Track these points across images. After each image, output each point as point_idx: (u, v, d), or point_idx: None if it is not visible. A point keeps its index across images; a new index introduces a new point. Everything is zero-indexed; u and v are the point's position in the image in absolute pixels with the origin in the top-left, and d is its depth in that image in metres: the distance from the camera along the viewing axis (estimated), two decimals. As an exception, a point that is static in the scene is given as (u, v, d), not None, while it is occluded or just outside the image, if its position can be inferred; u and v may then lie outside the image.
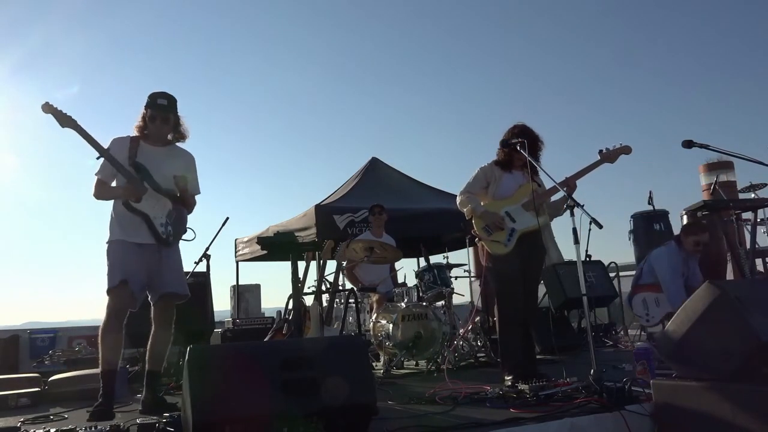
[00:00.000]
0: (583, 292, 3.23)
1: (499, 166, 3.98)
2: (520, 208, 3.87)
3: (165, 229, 3.38)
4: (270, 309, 8.71)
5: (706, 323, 2.50)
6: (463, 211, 4.00)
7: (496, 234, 3.85)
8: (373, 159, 8.88)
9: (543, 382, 3.06)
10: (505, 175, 3.95)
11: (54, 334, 6.79)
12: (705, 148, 4.25)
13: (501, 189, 3.94)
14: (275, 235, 4.37)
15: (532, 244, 3.87)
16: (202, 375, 2.19)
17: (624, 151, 3.84)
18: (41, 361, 5.30)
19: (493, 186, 3.96)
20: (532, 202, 3.81)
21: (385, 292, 5.68)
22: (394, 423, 2.56)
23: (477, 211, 3.89)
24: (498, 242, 3.84)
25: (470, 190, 3.98)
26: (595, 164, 3.84)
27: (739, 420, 2.29)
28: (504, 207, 3.89)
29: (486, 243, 3.88)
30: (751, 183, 6.63)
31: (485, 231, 3.88)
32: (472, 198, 3.94)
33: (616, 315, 6.98)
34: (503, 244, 3.83)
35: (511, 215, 3.87)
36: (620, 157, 3.84)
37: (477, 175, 4.01)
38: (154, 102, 3.39)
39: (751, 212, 5.04)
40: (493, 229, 3.85)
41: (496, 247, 3.85)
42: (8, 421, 3.23)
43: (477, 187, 3.99)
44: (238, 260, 8.98)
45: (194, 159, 3.61)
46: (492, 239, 3.85)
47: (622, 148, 3.84)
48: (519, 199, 3.90)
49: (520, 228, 3.84)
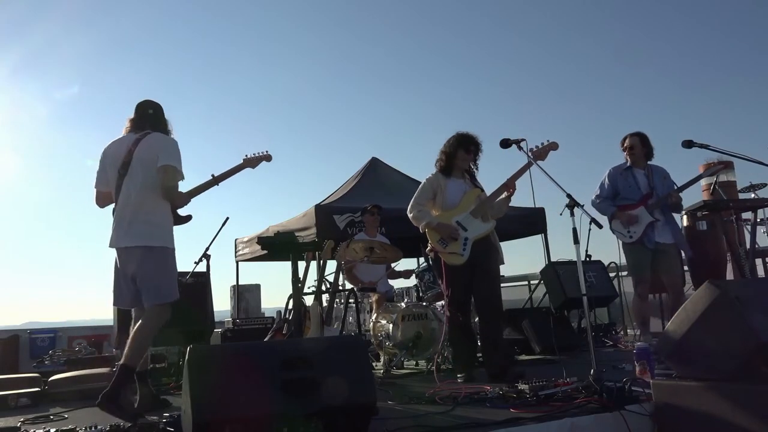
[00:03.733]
0: (583, 292, 3.23)
1: (443, 173, 4.08)
2: (470, 216, 3.97)
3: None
4: (270, 309, 8.72)
5: (706, 323, 2.50)
6: (418, 226, 4.10)
7: (451, 245, 3.94)
8: (373, 159, 8.88)
9: (532, 382, 3.07)
10: (448, 183, 4.05)
11: (54, 334, 6.81)
12: (705, 148, 4.26)
13: (447, 198, 4.04)
14: (275, 235, 4.38)
15: (484, 248, 3.98)
16: (202, 375, 2.19)
17: (551, 147, 3.93)
18: (41, 361, 5.30)
19: (440, 196, 4.06)
20: (479, 208, 3.96)
21: (384, 292, 5.68)
22: (394, 423, 2.56)
23: (432, 224, 3.98)
24: (455, 253, 3.93)
25: (419, 202, 4.09)
26: (525, 165, 3.90)
27: (739, 420, 2.29)
28: (454, 217, 3.99)
29: (443, 256, 3.97)
30: (751, 183, 6.63)
31: (441, 243, 3.99)
32: (425, 212, 4.04)
33: (616, 315, 6.98)
34: (459, 254, 3.93)
35: (462, 224, 3.97)
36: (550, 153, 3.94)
37: (423, 186, 4.13)
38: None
39: (751, 212, 5.04)
40: (447, 240, 3.94)
41: (454, 258, 3.94)
42: (8, 421, 3.22)
43: (424, 199, 4.10)
44: (238, 260, 8.98)
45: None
46: (449, 251, 3.95)
47: (549, 145, 3.93)
48: (466, 206, 4.00)
49: (472, 236, 3.95)
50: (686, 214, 5.88)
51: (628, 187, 4.88)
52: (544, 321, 5.58)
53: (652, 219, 4.73)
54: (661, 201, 4.74)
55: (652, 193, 4.81)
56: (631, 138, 4.93)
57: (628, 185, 4.88)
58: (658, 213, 4.77)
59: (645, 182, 4.86)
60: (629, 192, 4.87)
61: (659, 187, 4.82)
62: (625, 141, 4.97)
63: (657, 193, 4.79)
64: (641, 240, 4.76)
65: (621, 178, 4.93)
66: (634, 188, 4.85)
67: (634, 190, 4.85)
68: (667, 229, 4.80)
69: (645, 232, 4.75)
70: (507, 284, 9.23)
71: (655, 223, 4.75)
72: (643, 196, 4.82)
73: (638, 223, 4.77)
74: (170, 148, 3.32)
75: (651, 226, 4.75)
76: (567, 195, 3.43)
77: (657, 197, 4.77)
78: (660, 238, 4.76)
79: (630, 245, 4.86)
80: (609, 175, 5.00)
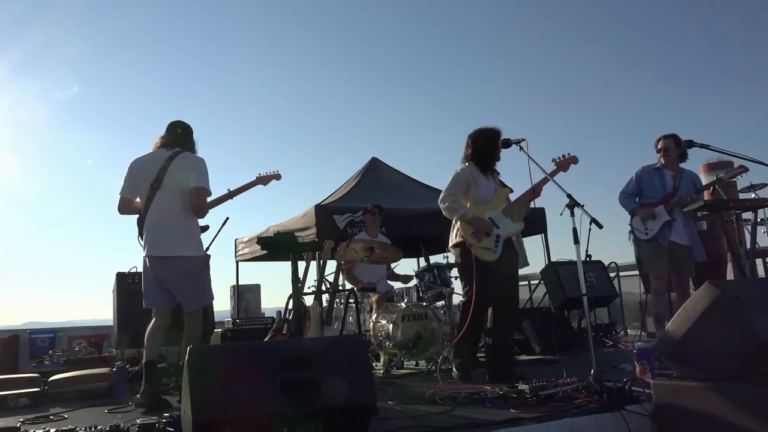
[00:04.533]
0: (583, 292, 3.24)
1: (479, 167, 4.02)
2: (501, 214, 3.96)
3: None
4: (270, 309, 8.72)
5: (706, 323, 2.50)
6: (451, 217, 4.03)
7: (484, 240, 3.89)
8: (373, 159, 8.88)
9: (532, 382, 3.06)
10: (482, 178, 4.01)
11: (54, 334, 6.81)
12: (705, 148, 4.26)
13: (481, 193, 3.99)
14: (275, 235, 4.37)
15: (509, 249, 3.96)
16: (202, 375, 2.18)
17: (573, 161, 3.97)
18: (41, 361, 5.30)
19: (474, 189, 3.98)
20: (509, 208, 3.95)
21: (384, 292, 5.68)
22: (394, 423, 2.56)
23: (467, 216, 3.91)
24: (488, 249, 3.88)
25: (453, 193, 3.99)
26: (553, 172, 3.93)
27: (739, 420, 2.29)
28: (486, 212, 3.95)
29: (476, 250, 3.89)
30: (751, 183, 6.64)
31: (474, 237, 3.91)
32: (460, 204, 3.96)
33: (616, 315, 6.98)
34: (492, 250, 3.88)
35: (494, 221, 3.93)
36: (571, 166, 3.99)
37: (458, 177, 4.03)
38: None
39: (751, 212, 5.04)
40: (481, 235, 3.90)
41: (486, 254, 3.87)
42: (8, 421, 3.22)
43: (458, 190, 4.00)
44: (238, 260, 8.98)
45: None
46: (482, 246, 3.89)
47: (570, 158, 3.96)
48: (498, 204, 3.98)
49: (504, 234, 3.92)
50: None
51: (652, 187, 4.92)
52: (544, 321, 5.59)
53: (669, 218, 4.76)
54: (680, 201, 4.76)
55: (675, 193, 4.83)
56: (665, 140, 4.94)
57: (652, 185, 4.93)
58: (677, 213, 4.79)
59: (671, 183, 4.89)
60: (652, 191, 4.92)
61: (684, 190, 4.84)
62: (659, 143, 4.99)
63: (680, 195, 4.81)
64: (656, 237, 4.79)
65: (648, 177, 4.98)
66: (658, 188, 4.89)
67: (657, 190, 4.89)
68: (685, 231, 4.83)
69: (661, 230, 4.78)
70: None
71: (672, 222, 4.77)
72: (665, 196, 4.85)
73: (655, 219, 4.80)
74: (201, 170, 3.65)
75: (668, 224, 4.77)
76: (567, 195, 3.43)
77: (678, 197, 4.79)
78: (676, 238, 4.78)
79: (646, 242, 4.87)
80: (636, 173, 5.05)
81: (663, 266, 4.80)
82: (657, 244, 4.78)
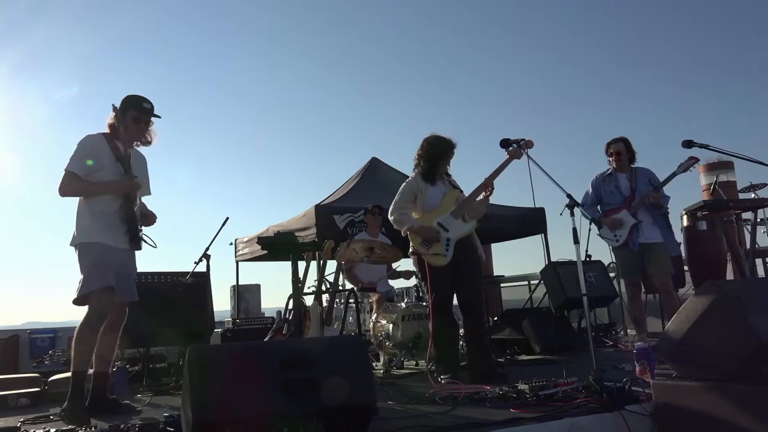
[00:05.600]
0: (583, 292, 3.23)
1: (425, 179, 4.10)
2: (450, 217, 4.00)
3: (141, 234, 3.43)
4: (270, 309, 8.72)
5: (706, 323, 2.50)
6: (400, 229, 4.13)
7: (434, 247, 3.97)
8: (373, 159, 8.88)
9: (532, 382, 3.06)
10: (429, 186, 4.08)
11: (54, 334, 6.81)
12: (705, 148, 4.26)
13: (428, 201, 4.07)
14: (275, 235, 4.38)
15: (465, 248, 3.99)
16: (202, 375, 2.18)
17: (528, 146, 3.93)
18: (41, 361, 5.31)
19: (420, 199, 4.08)
20: (459, 208, 3.98)
21: (385, 292, 5.68)
22: (394, 423, 2.56)
23: (414, 227, 4.01)
24: (438, 254, 3.96)
25: (401, 206, 4.11)
26: (505, 162, 3.97)
27: (739, 420, 2.29)
28: (435, 218, 4.02)
29: (427, 257, 3.98)
30: (751, 183, 6.65)
31: (424, 245, 4.01)
32: (406, 216, 4.08)
33: (616, 315, 6.98)
34: (443, 255, 3.95)
35: (443, 225, 4.00)
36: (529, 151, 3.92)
37: (403, 189, 4.15)
38: (139, 104, 3.38)
39: (751, 212, 5.05)
40: (430, 242, 3.97)
41: (437, 259, 3.96)
42: (8, 421, 3.22)
43: (405, 202, 4.12)
44: (238, 260, 8.98)
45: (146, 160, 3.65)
46: (432, 252, 3.97)
47: (526, 143, 3.93)
48: (446, 208, 4.03)
49: (454, 236, 3.97)
50: (686, 214, 5.88)
51: (610, 193, 4.98)
52: (544, 321, 5.59)
53: (635, 221, 4.80)
54: (641, 202, 4.81)
55: (634, 195, 4.88)
56: (616, 144, 5.00)
57: (610, 191, 4.98)
58: (642, 214, 4.83)
59: (627, 185, 4.94)
60: (611, 197, 4.97)
61: (642, 189, 4.89)
62: (609, 147, 5.04)
63: (639, 195, 4.86)
64: (626, 243, 4.83)
65: (604, 184, 5.04)
66: (616, 193, 4.95)
67: (615, 195, 4.95)
68: (655, 227, 4.86)
69: (630, 235, 4.83)
70: (507, 284, 9.24)
71: (639, 224, 4.82)
72: (625, 199, 4.90)
73: (623, 226, 4.85)
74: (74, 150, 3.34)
75: (635, 227, 4.82)
76: (567, 195, 3.43)
77: (638, 198, 4.83)
78: (646, 238, 4.82)
79: (618, 249, 4.96)
80: (592, 183, 5.11)
81: (635, 271, 4.86)
82: (627, 249, 4.83)
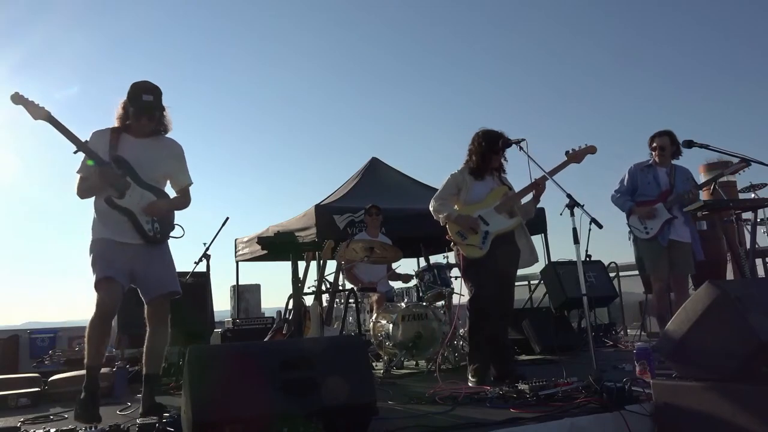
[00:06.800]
0: (583, 292, 3.24)
1: (472, 174, 4.02)
2: (493, 211, 3.92)
3: (151, 226, 3.23)
4: (270, 309, 8.72)
5: (706, 323, 2.50)
6: (438, 219, 4.04)
7: (470, 238, 3.88)
8: (373, 159, 8.88)
9: (532, 382, 3.05)
10: (475, 180, 4.00)
11: (54, 334, 6.81)
12: (705, 148, 4.26)
13: (472, 195, 3.99)
14: (275, 235, 4.38)
15: (506, 246, 3.91)
16: (202, 375, 2.19)
17: (590, 151, 3.86)
18: (41, 361, 5.30)
19: (464, 192, 4.00)
20: (504, 204, 3.90)
21: (385, 292, 5.68)
22: (394, 423, 2.56)
23: (451, 216, 3.93)
24: (473, 246, 3.88)
25: (442, 196, 4.04)
26: (562, 164, 3.86)
27: (739, 420, 2.29)
28: (477, 211, 3.94)
29: (461, 247, 3.91)
30: (751, 183, 6.64)
31: (459, 235, 3.93)
32: (446, 204, 3.99)
33: (616, 315, 6.98)
34: (478, 247, 3.86)
35: (484, 218, 3.91)
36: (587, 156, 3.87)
37: (447, 182, 4.06)
38: (138, 98, 3.19)
39: (751, 212, 5.04)
40: (467, 233, 3.89)
41: (472, 250, 3.88)
42: (8, 421, 3.22)
43: (448, 194, 4.04)
44: (238, 260, 8.97)
45: (182, 148, 3.42)
46: (467, 243, 3.89)
47: (587, 148, 3.86)
48: (491, 202, 3.95)
49: (493, 230, 3.88)
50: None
51: (647, 184, 4.81)
52: (544, 321, 5.59)
53: (669, 216, 4.67)
54: (679, 198, 4.67)
55: (671, 190, 4.74)
56: (661, 138, 4.83)
57: (647, 182, 4.82)
58: (676, 210, 4.70)
59: (666, 180, 4.79)
60: (647, 189, 4.81)
61: (680, 186, 4.75)
62: (654, 140, 4.87)
63: (677, 191, 4.72)
64: (656, 236, 4.68)
65: (641, 174, 4.87)
66: (653, 185, 4.79)
67: (653, 187, 4.79)
68: (686, 227, 4.74)
69: (661, 229, 4.68)
70: (507, 284, 9.21)
71: (673, 220, 4.68)
72: (661, 193, 4.75)
73: (656, 218, 4.70)
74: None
75: (668, 222, 4.68)
76: (567, 195, 3.43)
77: (676, 194, 4.70)
78: (676, 236, 4.69)
79: (646, 241, 4.76)
80: (629, 171, 4.94)
81: (664, 266, 4.71)
82: (657, 243, 4.69)
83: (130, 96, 3.22)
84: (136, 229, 3.20)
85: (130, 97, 3.22)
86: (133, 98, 3.21)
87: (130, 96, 3.22)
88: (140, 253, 3.22)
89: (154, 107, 3.24)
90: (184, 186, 3.43)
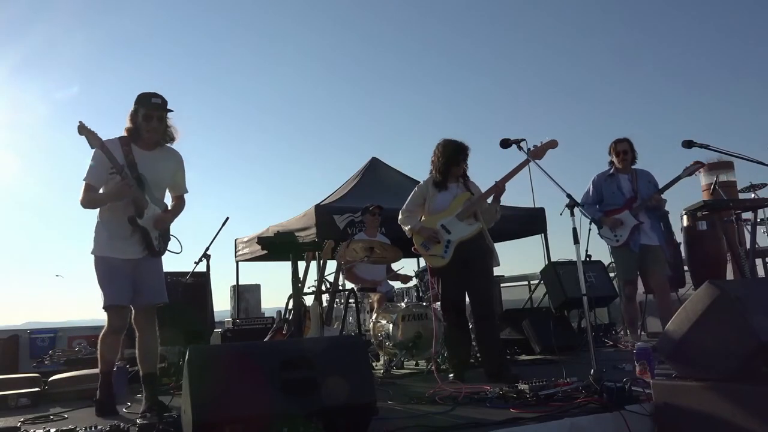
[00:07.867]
0: (583, 292, 3.23)
1: (435, 184, 4.14)
2: (455, 219, 4.01)
3: (158, 242, 3.38)
4: (270, 309, 8.72)
5: (706, 323, 2.50)
6: (405, 230, 4.18)
7: (434, 248, 4.02)
8: (373, 159, 8.88)
9: (532, 382, 3.06)
10: (438, 193, 4.11)
11: (54, 334, 6.81)
12: (705, 148, 4.26)
13: (435, 204, 4.11)
14: (275, 235, 4.38)
15: (472, 250, 3.98)
16: (202, 375, 2.19)
17: (551, 146, 3.87)
18: (41, 361, 5.30)
19: (429, 202, 4.14)
20: (466, 210, 3.99)
21: (385, 292, 5.68)
22: (394, 423, 2.56)
23: (414, 228, 4.09)
24: (436, 256, 4.01)
25: (409, 209, 4.20)
26: (523, 164, 3.90)
27: (739, 420, 2.29)
28: (439, 220, 4.05)
29: (425, 258, 4.09)
30: (751, 183, 6.64)
31: (423, 246, 4.07)
32: (411, 217, 4.16)
33: (616, 315, 6.98)
34: (440, 256, 3.99)
35: (447, 227, 4.02)
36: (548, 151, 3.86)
37: (414, 193, 4.23)
38: (147, 101, 3.27)
39: (751, 212, 5.05)
40: (430, 243, 4.02)
41: (435, 260, 4.03)
42: (8, 421, 3.22)
43: (414, 205, 4.20)
44: (238, 260, 8.97)
45: (182, 158, 3.53)
46: (430, 254, 4.04)
47: (548, 143, 3.87)
48: (454, 210, 4.04)
49: (455, 238, 3.98)
50: (686, 214, 5.89)
51: (612, 193, 5.00)
52: (544, 321, 5.58)
53: (637, 222, 4.85)
54: (644, 203, 4.85)
55: (636, 196, 4.91)
56: (622, 144, 5.02)
57: (611, 191, 5.01)
58: (642, 215, 4.88)
59: (629, 187, 4.97)
60: (613, 197, 4.99)
61: (643, 191, 4.93)
62: (616, 146, 5.05)
63: (641, 197, 4.90)
64: (627, 243, 4.87)
65: (606, 184, 5.06)
66: (618, 194, 4.97)
67: (617, 196, 4.97)
68: (654, 230, 4.92)
69: (631, 235, 4.87)
70: (507, 284, 9.23)
71: (641, 225, 4.86)
72: (627, 200, 4.93)
73: (624, 226, 4.89)
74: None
75: (636, 228, 4.86)
76: (567, 195, 3.43)
77: (641, 200, 4.86)
78: (647, 239, 4.88)
79: (617, 249, 4.99)
80: (593, 182, 5.13)
81: (634, 272, 4.93)
82: (628, 249, 4.88)
83: (139, 101, 3.30)
84: (145, 245, 3.32)
85: (139, 101, 3.30)
86: (142, 102, 3.28)
87: (139, 101, 3.30)
88: (140, 264, 3.34)
89: (162, 108, 3.32)
90: (181, 193, 3.58)
